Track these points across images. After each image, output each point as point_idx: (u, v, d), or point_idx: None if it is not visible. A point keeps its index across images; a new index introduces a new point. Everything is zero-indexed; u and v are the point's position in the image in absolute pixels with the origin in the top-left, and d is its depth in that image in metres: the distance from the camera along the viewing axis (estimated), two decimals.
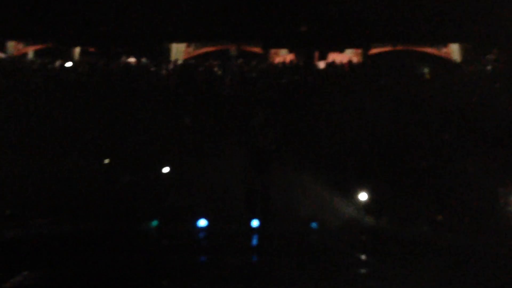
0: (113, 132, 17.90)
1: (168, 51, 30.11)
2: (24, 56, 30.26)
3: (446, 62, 28.81)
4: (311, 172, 16.13)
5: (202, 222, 13.26)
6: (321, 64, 27.04)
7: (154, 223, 13.49)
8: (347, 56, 28.49)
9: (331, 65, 26.36)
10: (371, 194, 15.09)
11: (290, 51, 29.27)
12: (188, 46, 31.08)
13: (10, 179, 15.19)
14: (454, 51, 30.03)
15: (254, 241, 10.97)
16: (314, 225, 13.38)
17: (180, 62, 28.58)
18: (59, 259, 9.83)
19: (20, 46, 30.51)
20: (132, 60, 28.34)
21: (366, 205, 14.58)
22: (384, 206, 14.30)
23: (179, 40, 30.11)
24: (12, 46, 30.15)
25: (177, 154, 17.17)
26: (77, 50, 30.14)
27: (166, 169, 16.75)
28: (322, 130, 17.94)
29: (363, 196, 14.97)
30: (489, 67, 25.78)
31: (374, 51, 29.62)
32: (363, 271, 9.22)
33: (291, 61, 27.90)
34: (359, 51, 29.40)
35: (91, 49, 29.57)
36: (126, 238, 12.04)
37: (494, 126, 17.08)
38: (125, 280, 8.44)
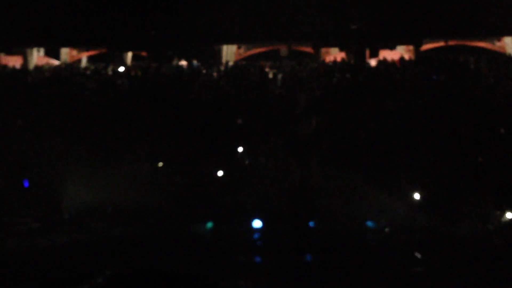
0: (167, 135, 18.02)
1: (219, 53, 30.21)
2: (78, 62, 30.69)
3: (500, 55, 28.41)
4: (363, 169, 16.06)
5: (257, 223, 13.29)
6: (373, 62, 26.88)
7: (209, 224, 13.58)
8: (399, 53, 28.25)
9: (383, 62, 26.18)
10: (424, 191, 14.96)
11: (341, 50, 29.13)
12: (239, 48, 31.16)
13: (66, 184, 15.43)
14: (508, 44, 29.59)
15: (306, 240, 10.92)
16: (369, 224, 13.30)
17: (231, 63, 28.68)
18: (122, 261, 9.97)
19: (74, 52, 30.96)
20: (183, 63, 28.53)
21: (420, 203, 14.45)
22: (438, 204, 14.15)
23: (230, 41, 30.20)
24: (66, 53, 30.58)
25: (228, 154, 17.24)
26: (129, 54, 30.44)
27: (219, 172, 16.82)
28: (374, 127, 17.82)
29: (416, 194, 14.84)
30: None
31: (426, 47, 29.33)
32: (420, 269, 9.16)
33: (342, 60, 27.80)
34: (411, 47, 29.16)
35: (143, 53, 29.86)
36: (182, 240, 12.14)
37: None
38: (182, 280, 8.50)
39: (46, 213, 14.70)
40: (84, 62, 31.07)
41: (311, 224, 11.57)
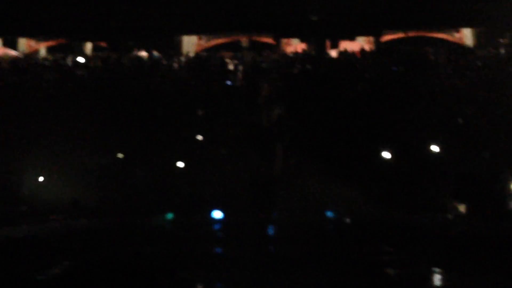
0: (127, 127, 17.92)
1: (180, 44, 30.07)
2: (36, 53, 30.35)
3: (459, 47, 28.66)
4: (324, 160, 16.14)
5: (217, 214, 13.28)
6: (333, 53, 26.98)
7: (170, 215, 13.54)
8: (359, 44, 28.38)
9: (343, 53, 26.29)
10: (384, 182, 15.09)
11: (302, 41, 29.18)
12: (199, 39, 31.05)
13: (24, 177, 15.30)
14: (466, 36, 29.87)
15: (268, 231, 10.94)
16: (330, 214, 13.35)
17: (192, 54, 28.58)
18: (79, 253, 9.91)
19: (32, 43, 30.58)
20: (143, 53, 28.37)
21: (380, 193, 14.56)
22: (398, 194, 14.28)
23: (190, 32, 30.07)
24: (24, 43, 30.21)
25: (188, 145, 17.21)
26: (89, 45, 30.18)
27: (180, 163, 16.80)
28: (335, 118, 17.90)
29: (376, 185, 14.97)
30: (502, 51, 25.64)
31: (386, 38, 29.50)
32: (382, 259, 9.23)
33: (303, 51, 27.84)
34: (371, 38, 29.29)
35: (103, 44, 29.62)
36: (142, 231, 12.10)
37: (508, 109, 17.00)
38: (142, 271, 8.49)
39: (3, 205, 14.55)
40: (43, 53, 30.72)
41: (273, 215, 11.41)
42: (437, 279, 7.65)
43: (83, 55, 28.40)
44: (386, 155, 17.01)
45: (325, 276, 8.11)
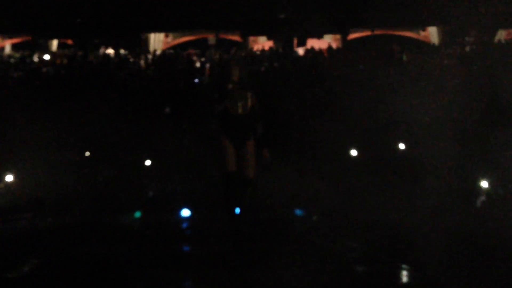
0: (93, 125, 17.85)
1: (146, 42, 30.03)
2: (1, 50, 30.08)
3: (425, 45, 28.93)
4: (293, 157, 16.22)
5: (185, 212, 13.25)
6: (300, 51, 27.08)
7: (137, 214, 13.49)
8: (326, 41, 28.53)
9: (310, 51, 26.41)
10: (355, 179, 15.19)
11: (269, 38, 29.28)
12: (166, 36, 31.02)
13: None
14: (432, 34, 30.16)
15: (237, 229, 10.89)
16: (298, 212, 13.39)
17: (159, 52, 28.53)
18: (47, 252, 9.84)
19: None
20: (110, 51, 28.25)
21: (351, 190, 14.65)
22: (369, 192, 14.37)
23: (157, 30, 30.03)
24: None
25: (156, 143, 17.18)
26: (54, 42, 29.98)
27: (147, 161, 16.77)
28: (302, 115, 18.00)
29: (347, 182, 15.07)
30: (467, 49, 25.91)
31: (352, 36, 29.70)
32: (350, 255, 9.27)
33: (270, 48, 27.91)
34: (338, 36, 29.47)
35: (69, 41, 29.45)
36: (109, 230, 12.04)
37: (473, 108, 17.17)
38: (113, 271, 8.45)
39: None
40: (8, 50, 30.46)
41: (237, 211, 11.11)
42: (405, 276, 7.71)
43: (49, 52, 28.22)
44: (354, 152, 17.14)
45: (292, 273, 8.13)
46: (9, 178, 15.38)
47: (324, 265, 8.62)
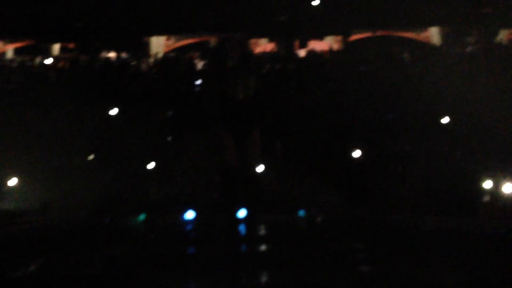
0: (96, 128, 17.92)
1: (148, 45, 30.07)
2: (3, 55, 30.15)
3: (426, 46, 28.95)
4: (296, 158, 16.25)
5: (189, 214, 13.26)
6: (302, 52, 27.13)
7: (142, 217, 13.51)
8: (328, 43, 28.57)
9: (312, 52, 26.46)
10: (358, 181, 15.21)
11: (271, 40, 29.31)
12: (168, 39, 31.04)
13: None
14: (434, 34, 30.19)
15: (240, 231, 10.90)
16: (301, 213, 13.40)
17: (160, 55, 28.58)
18: (52, 252, 9.88)
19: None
20: (112, 55, 28.32)
21: (351, 192, 14.66)
22: (366, 193, 14.39)
23: (158, 33, 30.08)
24: None
25: (158, 145, 17.24)
26: (56, 46, 30.04)
27: (151, 164, 16.81)
28: (304, 117, 18.03)
29: (348, 183, 15.08)
30: (469, 49, 25.93)
31: (354, 37, 29.73)
32: (355, 257, 9.30)
33: (271, 50, 27.95)
34: (339, 38, 29.50)
35: (71, 45, 29.49)
36: (114, 232, 12.08)
37: (475, 108, 17.19)
38: (117, 274, 8.48)
39: None
40: (10, 55, 30.52)
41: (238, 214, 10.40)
42: (411, 276, 7.73)
43: (51, 56, 28.28)
44: (357, 153, 17.15)
45: (297, 274, 8.16)
46: (13, 181, 15.43)
47: (330, 266, 8.64)
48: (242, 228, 10.97)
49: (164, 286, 7.87)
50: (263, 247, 10.14)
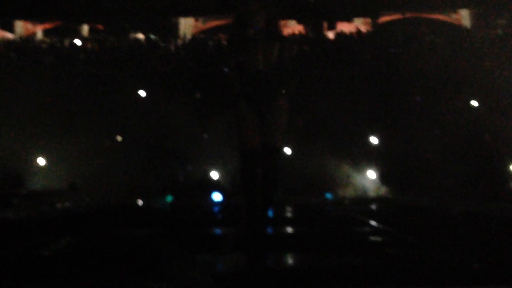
0: (125, 109, 17.98)
1: (176, 26, 30.03)
2: (33, 36, 30.28)
3: (456, 28, 28.66)
4: (323, 141, 16.22)
5: (217, 196, 13.32)
6: (330, 34, 26.98)
7: (169, 198, 13.59)
8: (356, 25, 28.38)
9: (340, 35, 26.29)
10: (387, 164, 15.17)
11: (299, 22, 29.17)
12: (196, 20, 31.01)
13: (27, 158, 15.37)
14: (464, 17, 29.87)
15: (267, 213, 10.86)
16: (328, 195, 13.41)
17: (189, 37, 28.55)
18: (80, 232, 9.97)
19: (29, 25, 30.51)
20: (140, 36, 28.33)
21: (379, 174, 14.63)
22: (400, 177, 14.35)
23: (187, 14, 30.03)
24: (21, 26, 30.14)
25: (186, 127, 17.25)
26: (85, 27, 30.13)
27: (180, 145, 16.86)
28: (333, 99, 17.97)
29: (376, 166, 15.03)
30: (499, 32, 25.65)
31: (383, 19, 29.51)
32: (379, 239, 9.28)
33: (299, 32, 27.84)
34: (368, 20, 29.29)
35: (99, 26, 29.57)
36: (142, 213, 12.14)
37: (506, 90, 17.05)
38: (145, 254, 8.53)
39: (3, 188, 14.62)
40: (39, 36, 30.66)
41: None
42: (436, 259, 7.69)
43: (80, 37, 28.38)
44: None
45: (323, 255, 8.14)
46: (41, 161, 15.57)
47: (354, 248, 8.62)
48: (267, 210, 10.98)
49: (191, 266, 7.90)
50: (289, 229, 10.16)
